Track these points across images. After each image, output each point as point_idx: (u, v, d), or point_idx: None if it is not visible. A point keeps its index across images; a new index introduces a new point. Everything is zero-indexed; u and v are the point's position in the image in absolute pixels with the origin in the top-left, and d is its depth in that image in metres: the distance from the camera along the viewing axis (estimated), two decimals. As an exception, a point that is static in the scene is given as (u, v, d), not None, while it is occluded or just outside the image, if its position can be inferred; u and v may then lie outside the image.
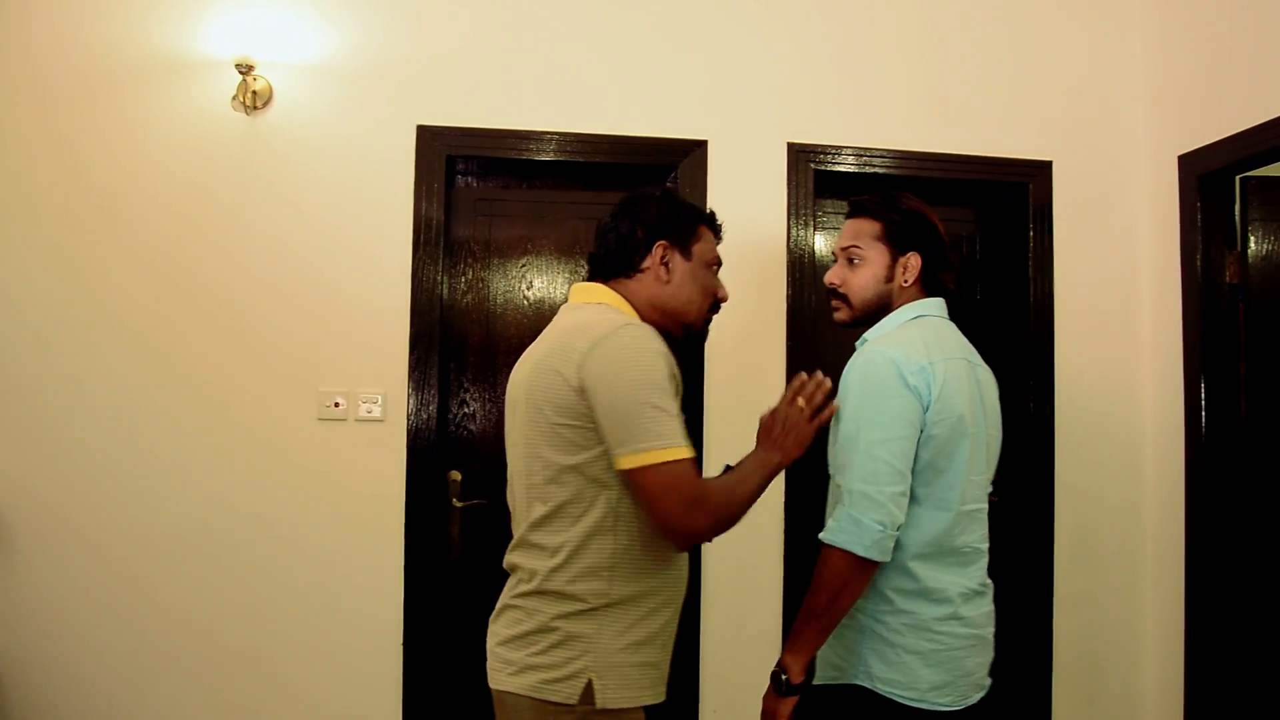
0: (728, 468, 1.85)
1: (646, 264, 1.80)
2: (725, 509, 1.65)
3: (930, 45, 3.11)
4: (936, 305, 1.94)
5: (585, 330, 1.65)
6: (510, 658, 1.68)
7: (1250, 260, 2.92)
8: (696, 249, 1.83)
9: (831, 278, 1.98)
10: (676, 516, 1.58)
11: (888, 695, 1.75)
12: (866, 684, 1.77)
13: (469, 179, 3.05)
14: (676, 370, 1.67)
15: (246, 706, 2.76)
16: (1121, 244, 3.17)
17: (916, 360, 1.75)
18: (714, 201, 2.94)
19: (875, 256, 1.92)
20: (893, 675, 1.75)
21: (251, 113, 2.79)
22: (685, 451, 1.59)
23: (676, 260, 1.81)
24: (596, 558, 1.64)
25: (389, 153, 2.85)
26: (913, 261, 1.91)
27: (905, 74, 3.09)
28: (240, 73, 2.73)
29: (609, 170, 2.97)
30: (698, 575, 2.89)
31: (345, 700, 2.79)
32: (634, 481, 1.60)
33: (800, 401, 1.81)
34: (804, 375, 1.87)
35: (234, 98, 2.77)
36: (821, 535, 1.73)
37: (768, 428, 1.83)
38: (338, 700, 2.79)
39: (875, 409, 1.73)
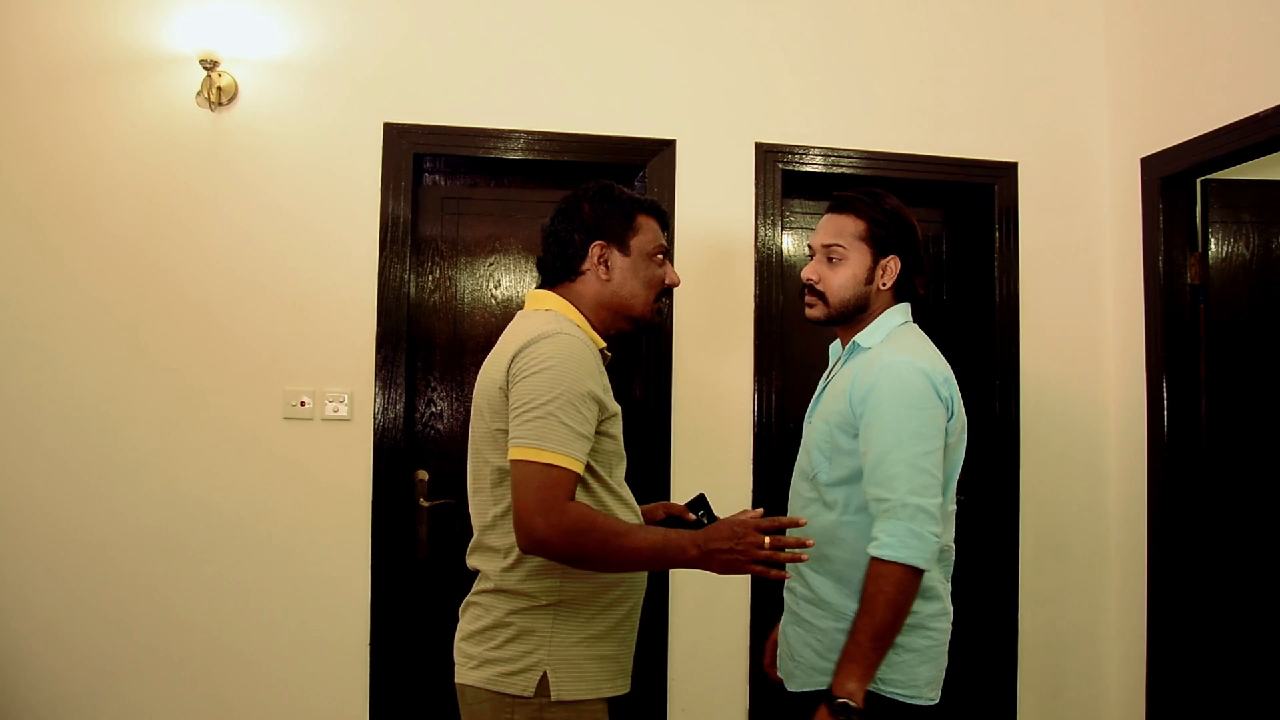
0: (701, 497, 1.87)
1: (586, 266, 1.81)
2: (581, 537, 1.54)
3: (898, 47, 3.13)
4: (909, 310, 1.96)
5: (521, 336, 1.68)
6: (471, 652, 1.72)
7: (1211, 262, 2.96)
8: (635, 243, 1.83)
9: (809, 274, 1.95)
10: (525, 513, 1.55)
11: (890, 696, 1.76)
12: (870, 686, 1.76)
13: (437, 177, 3.04)
14: (599, 390, 1.67)
15: (215, 700, 2.74)
16: (1085, 245, 3.21)
17: (942, 371, 1.79)
18: (682, 201, 2.95)
19: (857, 257, 1.90)
20: (894, 675, 1.76)
21: (216, 109, 2.76)
22: (563, 460, 1.56)
23: (615, 258, 1.81)
24: None
25: (356, 150, 2.83)
26: (892, 265, 1.90)
27: (873, 75, 3.11)
28: (205, 68, 2.70)
29: (578, 169, 2.95)
30: (666, 575, 2.89)
31: (314, 696, 2.78)
32: (512, 474, 1.60)
33: (768, 542, 1.57)
34: (795, 521, 1.67)
35: (199, 94, 2.74)
36: (881, 553, 1.68)
37: (720, 531, 1.60)
38: (306, 696, 2.77)
39: (915, 420, 1.73)
